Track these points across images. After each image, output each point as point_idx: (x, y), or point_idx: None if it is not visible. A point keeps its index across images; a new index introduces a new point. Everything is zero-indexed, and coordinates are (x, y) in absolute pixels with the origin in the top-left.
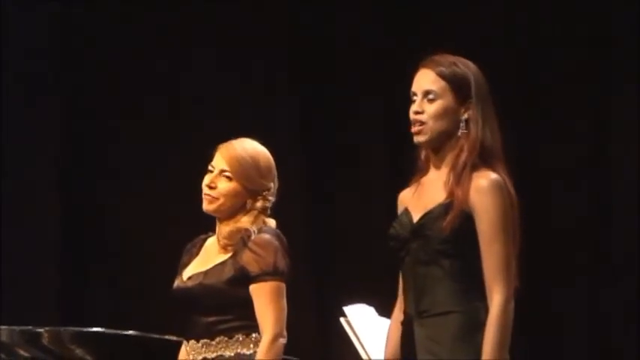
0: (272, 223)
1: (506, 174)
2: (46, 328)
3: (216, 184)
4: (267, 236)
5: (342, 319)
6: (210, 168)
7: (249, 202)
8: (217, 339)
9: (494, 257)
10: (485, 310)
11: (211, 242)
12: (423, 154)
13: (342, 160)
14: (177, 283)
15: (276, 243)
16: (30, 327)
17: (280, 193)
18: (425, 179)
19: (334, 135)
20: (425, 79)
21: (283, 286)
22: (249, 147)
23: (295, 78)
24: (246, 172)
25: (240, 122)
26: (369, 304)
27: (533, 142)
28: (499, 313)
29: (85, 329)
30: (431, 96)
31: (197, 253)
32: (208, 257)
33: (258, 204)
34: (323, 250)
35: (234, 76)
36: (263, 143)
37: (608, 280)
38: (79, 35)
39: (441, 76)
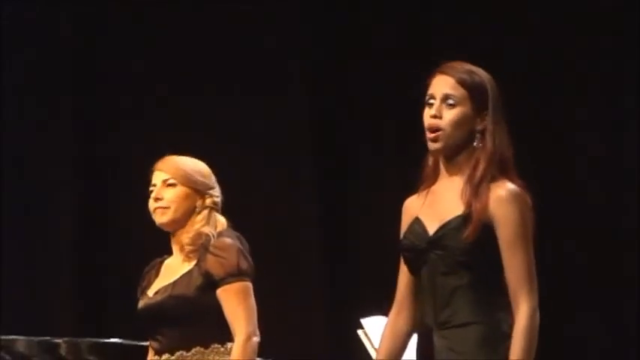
0: (223, 221)
1: (523, 183)
2: (64, 339)
3: (163, 195)
4: (227, 239)
5: (359, 331)
6: (151, 188)
7: (198, 203)
8: (194, 350)
9: (518, 266)
10: (507, 321)
11: (171, 260)
12: (431, 161)
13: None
14: (143, 302)
15: (237, 244)
16: (48, 337)
17: (297, 207)
18: (436, 188)
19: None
20: (444, 84)
21: (249, 285)
22: (185, 157)
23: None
24: (187, 174)
25: (251, 126)
26: (387, 315)
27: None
28: (527, 322)
29: (103, 340)
30: (450, 101)
31: (156, 275)
32: (172, 271)
33: (207, 201)
34: (341, 261)
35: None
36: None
37: None
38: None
39: (461, 83)
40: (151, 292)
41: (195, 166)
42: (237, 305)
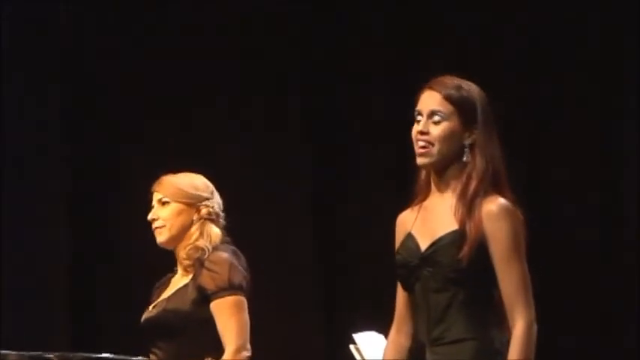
0: (218, 231)
1: (514, 197)
2: (56, 354)
3: (158, 215)
4: (221, 253)
5: (351, 347)
6: (151, 209)
7: (195, 216)
8: None
9: (512, 281)
10: (500, 338)
11: (177, 275)
12: (423, 175)
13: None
14: (144, 316)
15: (230, 258)
16: (40, 352)
17: (291, 217)
18: (428, 203)
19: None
20: (431, 100)
21: (242, 299)
22: (181, 175)
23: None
24: (178, 190)
25: (250, 130)
26: (379, 331)
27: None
28: (524, 335)
29: (95, 355)
30: (437, 117)
31: (165, 290)
32: (172, 286)
33: (203, 211)
34: (333, 276)
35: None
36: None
37: None
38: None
39: (448, 98)
40: (151, 307)
41: (188, 181)
42: (228, 319)
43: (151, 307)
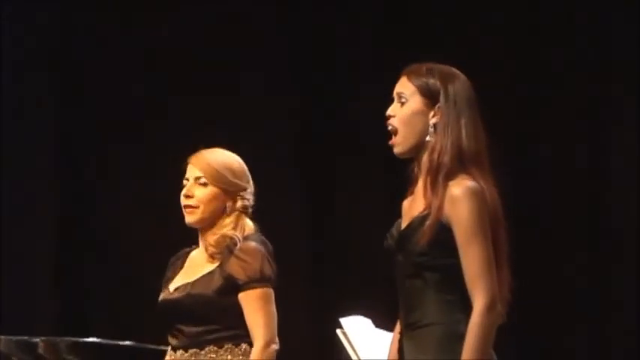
0: (251, 225)
1: (486, 179)
2: (42, 338)
3: (193, 193)
4: (252, 243)
5: (338, 331)
6: (184, 182)
7: (228, 204)
8: (207, 348)
9: (471, 263)
10: (466, 321)
11: (196, 254)
12: (415, 163)
13: (343, 170)
14: (163, 295)
15: (262, 249)
16: (26, 337)
17: (279, 204)
18: (416, 188)
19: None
20: (399, 84)
21: (271, 292)
22: (219, 153)
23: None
24: (219, 174)
25: (239, 126)
26: (367, 315)
27: None
28: (478, 320)
29: (82, 339)
30: (402, 99)
31: (181, 266)
32: (195, 268)
33: (238, 204)
34: (320, 260)
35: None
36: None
37: None
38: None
39: (410, 79)
40: (172, 287)
41: (228, 164)
42: (257, 311)
43: (171, 289)
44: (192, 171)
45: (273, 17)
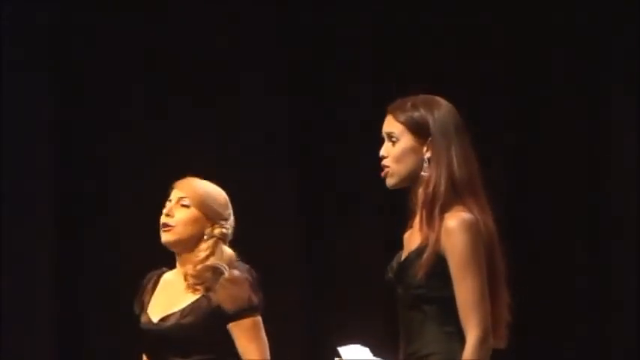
0: (230, 252)
1: (481, 206)
2: None
3: (174, 213)
4: (239, 273)
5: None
6: (167, 203)
7: (207, 230)
8: None
9: (464, 296)
10: (461, 351)
11: (173, 278)
12: (411, 195)
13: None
14: (146, 324)
15: (248, 277)
16: None
17: (276, 230)
18: (414, 222)
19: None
20: (386, 124)
21: (260, 320)
22: (205, 182)
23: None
24: (202, 198)
25: (238, 132)
26: (365, 344)
27: None
28: (470, 353)
29: None
30: (393, 139)
31: (153, 289)
32: (177, 295)
33: (216, 231)
34: (319, 288)
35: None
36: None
37: None
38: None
39: (396, 118)
40: (154, 316)
41: (213, 192)
42: (251, 341)
43: (154, 318)
44: (177, 193)
45: (273, 17)
